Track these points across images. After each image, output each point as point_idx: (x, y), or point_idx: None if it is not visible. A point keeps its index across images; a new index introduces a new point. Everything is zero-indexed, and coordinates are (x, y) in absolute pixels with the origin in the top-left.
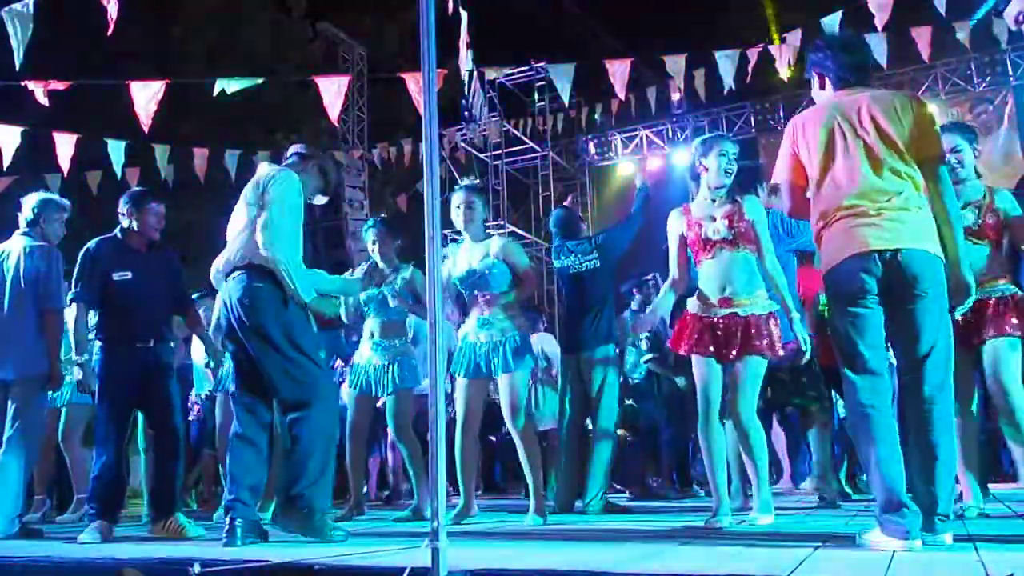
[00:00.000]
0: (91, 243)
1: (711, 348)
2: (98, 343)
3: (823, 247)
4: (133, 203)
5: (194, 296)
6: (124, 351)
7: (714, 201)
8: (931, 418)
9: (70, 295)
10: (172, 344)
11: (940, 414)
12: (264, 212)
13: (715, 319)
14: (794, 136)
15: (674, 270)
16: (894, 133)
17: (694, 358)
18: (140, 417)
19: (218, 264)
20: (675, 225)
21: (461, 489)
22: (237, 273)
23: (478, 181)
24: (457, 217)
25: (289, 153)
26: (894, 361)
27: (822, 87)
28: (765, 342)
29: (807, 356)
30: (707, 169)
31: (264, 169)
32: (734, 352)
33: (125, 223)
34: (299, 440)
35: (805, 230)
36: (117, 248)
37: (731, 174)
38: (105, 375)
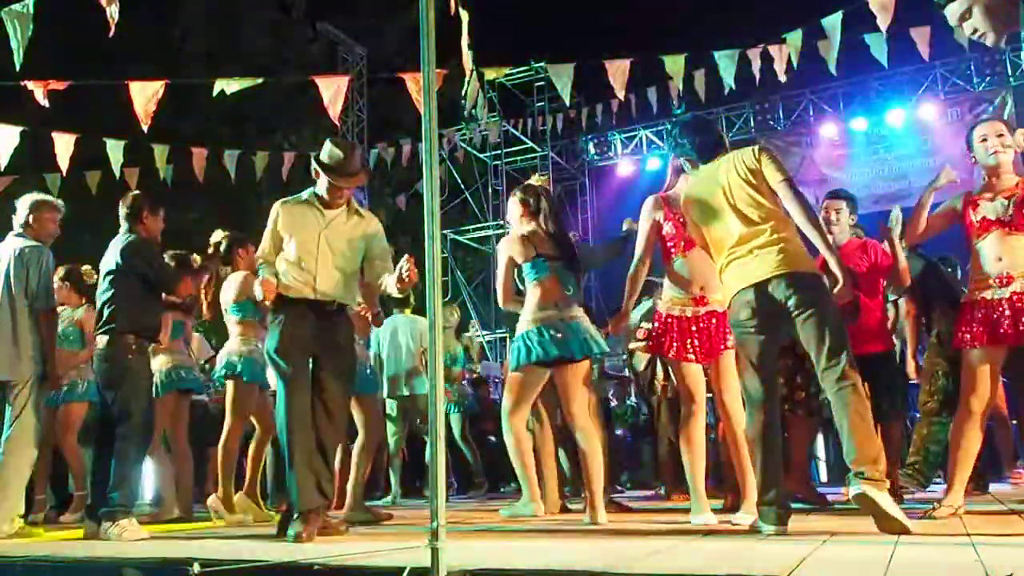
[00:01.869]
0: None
1: (691, 353)
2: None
3: (724, 288)
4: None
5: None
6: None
7: None
8: (848, 397)
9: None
10: None
11: (855, 393)
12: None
13: (694, 318)
14: (688, 210)
15: (641, 251)
16: (745, 182)
17: (680, 363)
18: None
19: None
20: (651, 213)
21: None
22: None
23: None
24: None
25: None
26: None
27: (694, 167)
28: None
29: None
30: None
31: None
32: (720, 349)
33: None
34: None
35: None
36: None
37: None
38: (147, 375)
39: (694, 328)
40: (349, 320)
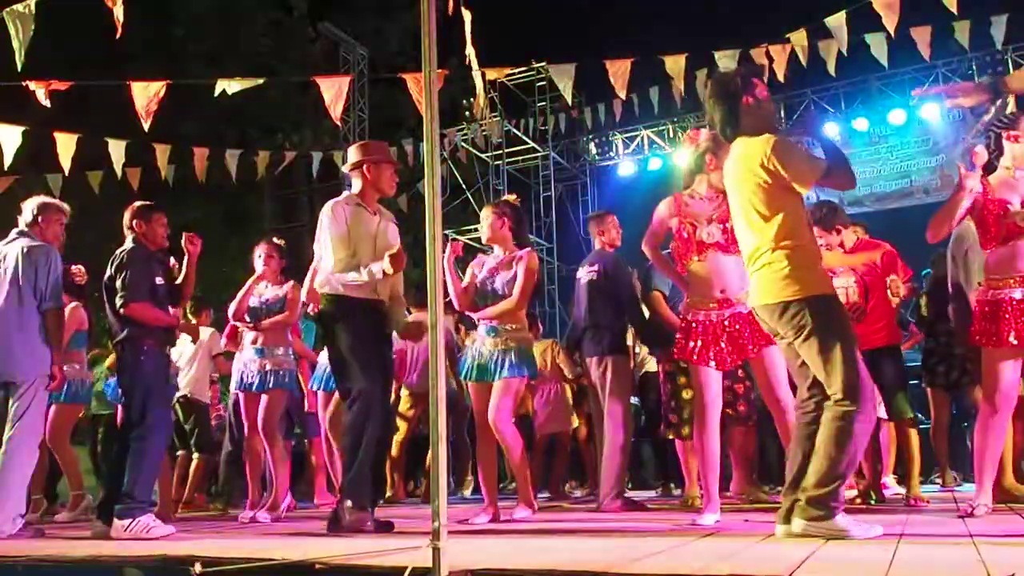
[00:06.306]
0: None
1: (712, 358)
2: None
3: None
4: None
5: None
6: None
7: (711, 200)
8: None
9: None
10: None
11: None
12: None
13: (720, 320)
14: None
15: (646, 243)
16: None
17: (699, 368)
18: None
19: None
20: (665, 213)
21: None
22: None
23: (510, 198)
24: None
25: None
26: None
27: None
28: None
29: None
30: (718, 168)
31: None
32: (748, 352)
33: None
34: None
35: None
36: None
37: None
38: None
39: (721, 331)
40: None
